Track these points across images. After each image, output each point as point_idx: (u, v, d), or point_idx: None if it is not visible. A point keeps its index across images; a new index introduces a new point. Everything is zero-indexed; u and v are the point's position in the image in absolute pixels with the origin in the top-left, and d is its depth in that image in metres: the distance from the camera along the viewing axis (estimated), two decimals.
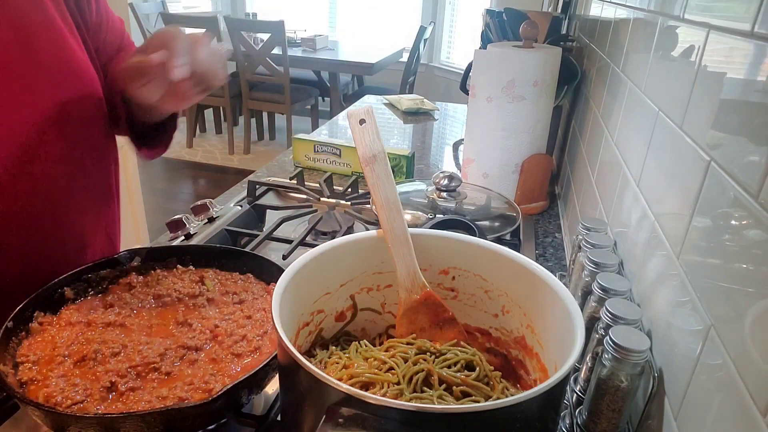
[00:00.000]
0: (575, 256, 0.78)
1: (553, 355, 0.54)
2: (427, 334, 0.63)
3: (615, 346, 0.51)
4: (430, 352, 0.58)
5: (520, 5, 1.60)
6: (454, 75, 4.68)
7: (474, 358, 0.58)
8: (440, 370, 0.55)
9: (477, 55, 1.17)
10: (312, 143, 1.42)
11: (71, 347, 0.61)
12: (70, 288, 0.69)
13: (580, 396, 0.61)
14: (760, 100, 0.42)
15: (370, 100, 2.31)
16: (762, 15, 0.43)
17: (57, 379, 0.56)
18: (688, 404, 0.47)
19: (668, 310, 0.55)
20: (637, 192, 0.71)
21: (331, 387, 0.41)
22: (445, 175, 1.04)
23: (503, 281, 0.62)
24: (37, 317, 0.64)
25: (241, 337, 0.64)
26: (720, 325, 0.43)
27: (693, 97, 0.56)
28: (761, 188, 0.39)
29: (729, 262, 0.43)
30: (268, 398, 0.67)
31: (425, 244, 0.63)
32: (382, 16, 5.25)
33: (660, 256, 0.59)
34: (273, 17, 3.94)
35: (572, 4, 1.79)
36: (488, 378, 0.57)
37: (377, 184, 0.60)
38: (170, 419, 0.51)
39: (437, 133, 1.90)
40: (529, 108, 1.15)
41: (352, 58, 4.03)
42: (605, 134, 0.95)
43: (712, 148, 0.49)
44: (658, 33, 0.73)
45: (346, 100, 4.24)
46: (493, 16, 1.54)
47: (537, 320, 0.58)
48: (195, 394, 0.55)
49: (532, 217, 1.25)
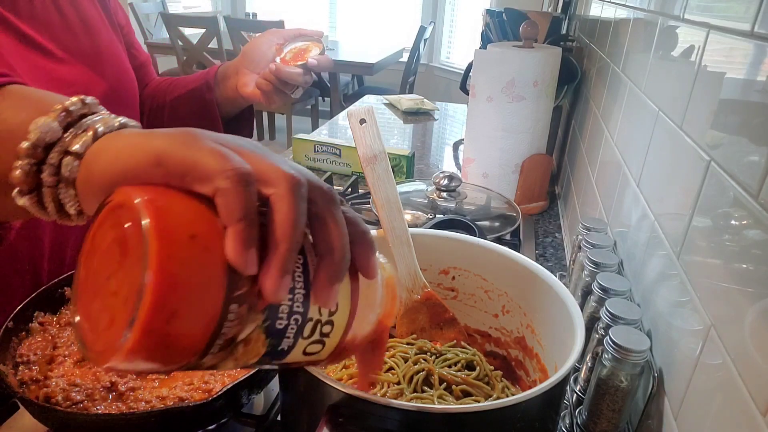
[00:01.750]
0: (575, 256, 0.78)
1: (553, 355, 0.54)
2: (427, 334, 0.63)
3: (615, 346, 0.51)
4: (430, 353, 0.58)
5: (520, 5, 1.60)
6: (454, 75, 4.68)
7: (474, 357, 0.58)
8: (441, 369, 0.55)
9: (477, 55, 1.17)
10: (312, 143, 1.42)
11: (71, 347, 0.61)
12: (70, 288, 0.69)
13: (580, 396, 0.61)
14: (760, 100, 0.42)
15: (370, 100, 2.31)
16: (762, 15, 0.43)
17: (57, 379, 0.56)
18: (688, 404, 0.47)
19: (668, 310, 0.55)
20: (637, 192, 0.71)
21: (331, 387, 0.41)
22: (445, 175, 1.04)
23: (503, 281, 0.62)
24: (37, 317, 0.64)
25: None
26: (720, 325, 0.43)
27: (693, 97, 0.56)
28: (761, 188, 0.39)
29: (729, 262, 0.43)
30: (268, 398, 0.67)
31: (425, 244, 0.63)
32: (382, 16, 5.25)
33: (660, 256, 0.59)
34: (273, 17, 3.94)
35: (572, 4, 1.79)
36: (488, 377, 0.57)
37: (377, 183, 0.60)
38: (170, 419, 0.51)
39: (437, 133, 1.90)
40: (529, 108, 1.15)
41: (352, 58, 4.03)
42: (605, 134, 0.95)
43: (712, 148, 0.49)
44: (658, 33, 0.73)
45: (346, 100, 4.24)
46: (493, 16, 1.54)
47: (537, 320, 0.58)
48: (195, 394, 0.55)
49: (532, 217, 1.25)
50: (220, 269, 0.25)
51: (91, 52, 0.77)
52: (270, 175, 0.28)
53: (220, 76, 0.89)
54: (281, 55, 0.83)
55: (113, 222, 0.27)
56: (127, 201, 0.26)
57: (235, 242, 0.26)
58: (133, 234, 0.25)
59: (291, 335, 0.30)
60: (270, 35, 0.85)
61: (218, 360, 0.28)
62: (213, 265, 0.25)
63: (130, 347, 0.24)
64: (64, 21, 0.74)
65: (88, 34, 0.77)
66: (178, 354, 0.26)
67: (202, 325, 0.25)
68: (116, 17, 0.86)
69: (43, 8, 0.71)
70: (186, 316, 0.25)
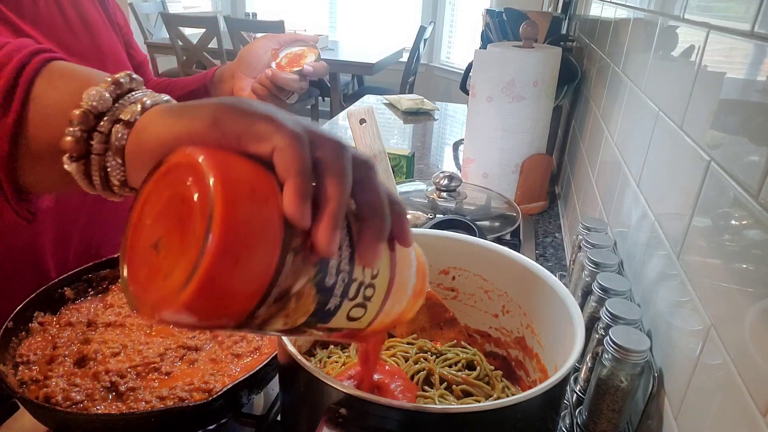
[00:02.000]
0: (575, 256, 0.78)
1: (553, 355, 0.54)
2: (427, 334, 0.63)
3: (615, 346, 0.51)
4: (430, 352, 0.58)
5: (520, 5, 1.60)
6: (454, 75, 4.68)
7: (475, 357, 0.58)
8: (441, 369, 0.55)
9: (477, 55, 1.17)
10: None
11: (71, 347, 0.61)
12: (70, 288, 0.69)
13: (580, 396, 0.61)
14: (760, 100, 0.42)
15: (370, 100, 2.31)
16: (762, 15, 0.43)
17: (57, 379, 0.56)
18: (688, 404, 0.47)
19: (668, 310, 0.55)
20: (637, 192, 0.71)
21: (331, 387, 0.41)
22: (445, 175, 1.04)
23: (503, 281, 0.62)
24: (37, 317, 0.64)
25: (241, 337, 0.64)
26: (720, 325, 0.43)
27: (693, 97, 0.56)
28: (761, 188, 0.39)
29: (729, 262, 0.43)
30: (268, 398, 0.67)
31: (425, 244, 0.63)
32: (382, 16, 5.24)
33: (660, 256, 0.59)
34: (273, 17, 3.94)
35: (572, 4, 1.79)
36: (489, 377, 0.57)
37: None
38: (170, 419, 0.51)
39: (437, 133, 1.90)
40: (529, 108, 1.15)
41: (352, 58, 4.03)
42: (605, 134, 0.95)
43: (712, 148, 0.49)
44: (658, 33, 0.73)
45: (346, 100, 4.24)
46: (493, 16, 1.54)
47: (537, 320, 0.58)
48: (195, 394, 0.55)
49: (532, 217, 1.25)
50: (278, 221, 0.27)
51: (93, 53, 0.78)
52: (319, 140, 0.30)
53: (217, 79, 0.90)
54: (277, 60, 0.83)
55: (172, 179, 0.29)
56: (189, 159, 0.28)
57: (293, 195, 0.27)
58: (197, 187, 0.27)
59: (338, 294, 0.31)
60: (266, 40, 0.86)
61: (271, 314, 0.29)
62: (272, 217, 0.27)
63: (192, 292, 0.25)
64: (66, 22, 0.74)
65: (89, 34, 0.78)
66: (236, 302, 0.27)
67: (262, 272, 0.27)
68: (115, 17, 0.87)
69: (46, 9, 0.71)
70: (247, 262, 0.26)
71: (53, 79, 0.39)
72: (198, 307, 0.26)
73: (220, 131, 0.29)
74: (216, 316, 0.27)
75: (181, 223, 0.27)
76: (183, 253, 0.26)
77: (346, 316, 0.33)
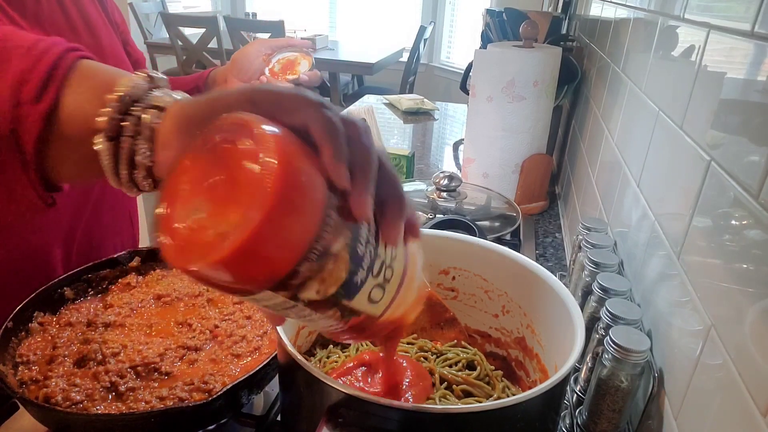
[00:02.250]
0: (575, 256, 0.78)
1: (553, 355, 0.54)
2: (427, 334, 0.63)
3: (615, 346, 0.51)
4: (431, 352, 0.58)
5: (520, 5, 1.60)
6: (454, 75, 4.68)
7: (475, 357, 0.58)
8: (441, 369, 0.55)
9: (477, 55, 1.17)
10: None
11: (71, 347, 0.61)
12: (70, 288, 0.69)
13: (580, 396, 0.61)
14: (760, 100, 0.42)
15: (370, 100, 2.31)
16: (762, 15, 0.43)
17: (57, 379, 0.56)
18: (688, 404, 0.47)
19: (668, 310, 0.55)
20: (638, 192, 0.71)
21: (331, 387, 0.41)
22: (445, 175, 1.04)
23: (503, 281, 0.62)
24: (37, 317, 0.64)
25: (241, 337, 0.64)
26: (720, 325, 0.43)
27: (693, 97, 0.56)
28: (761, 188, 0.39)
29: (729, 262, 0.43)
30: (268, 398, 0.67)
31: (425, 244, 0.63)
32: (382, 16, 5.24)
33: (660, 256, 0.59)
34: (273, 17, 3.93)
35: (572, 4, 1.79)
36: (489, 377, 0.57)
37: None
38: (170, 419, 0.51)
39: (437, 133, 1.90)
40: (529, 108, 1.15)
41: (352, 58, 4.03)
42: (605, 134, 0.95)
43: (712, 148, 0.49)
44: (658, 33, 0.73)
45: (346, 100, 4.24)
46: (493, 16, 1.54)
47: (537, 320, 0.58)
48: (195, 394, 0.55)
49: (532, 217, 1.25)
50: (321, 179, 0.30)
51: (94, 51, 0.78)
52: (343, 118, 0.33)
53: (210, 81, 0.91)
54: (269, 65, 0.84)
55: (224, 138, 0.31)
56: (241, 120, 0.30)
57: (333, 157, 0.30)
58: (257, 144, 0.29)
59: (365, 266, 0.33)
60: (258, 45, 0.87)
61: (311, 273, 0.30)
62: (316, 175, 0.30)
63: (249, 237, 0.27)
64: (67, 20, 0.74)
65: (90, 33, 0.78)
66: (286, 251, 0.28)
67: (309, 222, 0.29)
68: (113, 16, 0.87)
69: (48, 7, 0.71)
70: (298, 213, 0.28)
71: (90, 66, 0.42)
72: (252, 253, 0.27)
73: (256, 105, 0.32)
74: (264, 267, 0.28)
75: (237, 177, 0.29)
76: (239, 203, 0.28)
77: (367, 297, 0.35)
